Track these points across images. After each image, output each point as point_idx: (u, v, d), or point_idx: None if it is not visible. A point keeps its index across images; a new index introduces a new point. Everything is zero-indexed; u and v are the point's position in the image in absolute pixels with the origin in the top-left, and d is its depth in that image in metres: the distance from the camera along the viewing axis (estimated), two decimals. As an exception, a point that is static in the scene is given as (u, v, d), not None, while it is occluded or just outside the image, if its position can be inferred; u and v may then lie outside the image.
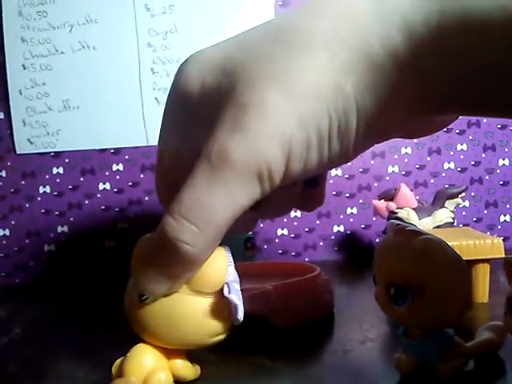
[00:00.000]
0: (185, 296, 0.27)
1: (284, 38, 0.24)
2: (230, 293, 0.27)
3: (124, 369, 0.28)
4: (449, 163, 0.76)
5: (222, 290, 0.27)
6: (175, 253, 0.24)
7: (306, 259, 0.76)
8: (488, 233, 0.66)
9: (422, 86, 0.23)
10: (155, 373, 0.28)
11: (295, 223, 0.77)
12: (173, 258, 0.25)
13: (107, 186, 0.76)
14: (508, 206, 0.76)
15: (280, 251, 0.77)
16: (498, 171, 0.76)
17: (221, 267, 0.27)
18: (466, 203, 0.75)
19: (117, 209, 0.76)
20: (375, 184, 0.76)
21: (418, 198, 0.64)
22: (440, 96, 0.23)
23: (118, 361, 0.29)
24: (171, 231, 0.24)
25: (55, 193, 0.77)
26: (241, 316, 0.26)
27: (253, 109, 0.23)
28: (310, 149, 0.24)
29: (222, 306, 0.27)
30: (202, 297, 0.27)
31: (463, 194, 0.62)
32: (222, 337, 0.29)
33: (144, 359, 0.28)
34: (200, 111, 0.26)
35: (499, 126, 0.75)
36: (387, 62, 0.22)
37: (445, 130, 0.75)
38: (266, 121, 0.23)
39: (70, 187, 0.77)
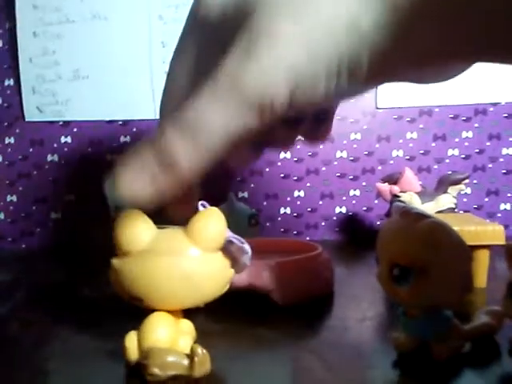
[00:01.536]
0: (198, 255, 0.28)
1: None
2: (233, 241, 0.29)
3: (151, 339, 0.28)
4: (453, 150, 0.77)
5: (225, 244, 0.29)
6: (167, 161, 0.24)
7: (308, 238, 0.77)
8: (488, 220, 0.67)
9: (442, 27, 0.22)
10: (185, 339, 0.29)
11: (298, 203, 0.78)
12: (163, 165, 0.25)
13: (115, 157, 0.77)
14: (509, 194, 0.76)
15: (282, 229, 0.78)
16: (502, 160, 0.76)
17: (220, 223, 0.29)
18: (468, 190, 0.76)
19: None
20: (379, 167, 0.77)
21: (420, 183, 0.64)
22: (459, 39, 0.22)
23: (132, 333, 0.29)
24: (168, 139, 0.24)
25: (63, 161, 0.77)
26: (247, 259, 0.29)
27: (265, 37, 0.23)
28: (317, 83, 0.23)
29: (226, 259, 0.29)
30: (210, 253, 0.29)
31: (467, 181, 0.63)
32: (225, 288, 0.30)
33: (166, 326, 0.29)
34: (219, 38, 0.26)
35: (505, 115, 0.76)
36: None
37: (451, 116, 0.76)
38: (275, 51, 0.23)
39: (78, 156, 0.77)
